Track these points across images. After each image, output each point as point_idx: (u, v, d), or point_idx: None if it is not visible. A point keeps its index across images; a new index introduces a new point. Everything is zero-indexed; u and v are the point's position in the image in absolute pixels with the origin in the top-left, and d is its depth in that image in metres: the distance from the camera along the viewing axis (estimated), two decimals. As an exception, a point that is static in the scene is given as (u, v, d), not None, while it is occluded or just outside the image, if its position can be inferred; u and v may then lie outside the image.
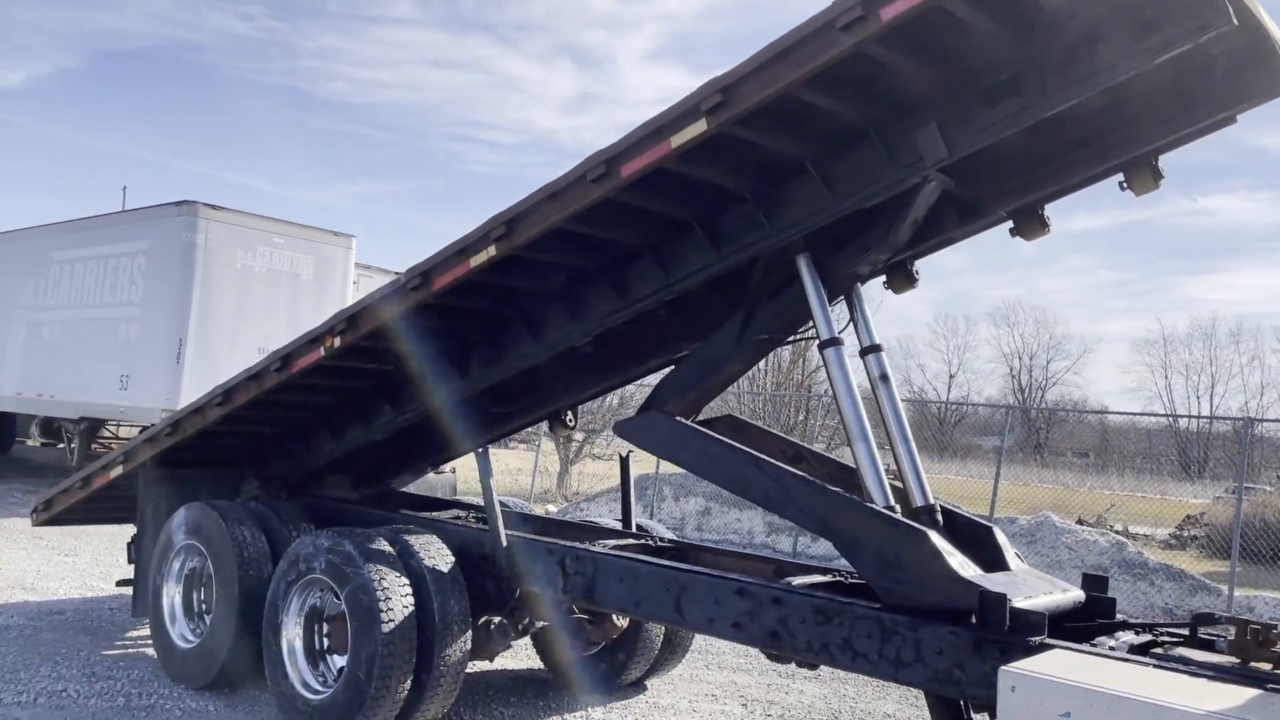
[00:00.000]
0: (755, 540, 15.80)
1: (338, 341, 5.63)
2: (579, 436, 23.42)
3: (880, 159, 4.37)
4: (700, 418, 5.43)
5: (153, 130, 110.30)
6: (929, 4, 3.58)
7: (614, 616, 6.28)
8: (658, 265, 5.13)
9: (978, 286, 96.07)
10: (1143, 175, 4.53)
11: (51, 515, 7.82)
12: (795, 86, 3.94)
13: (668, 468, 16.55)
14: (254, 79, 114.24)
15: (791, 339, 5.48)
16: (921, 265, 5.35)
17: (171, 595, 6.53)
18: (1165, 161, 4.51)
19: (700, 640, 7.85)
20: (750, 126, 4.23)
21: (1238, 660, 3.55)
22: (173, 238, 14.47)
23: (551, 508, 19.45)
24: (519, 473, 22.72)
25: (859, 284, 5.05)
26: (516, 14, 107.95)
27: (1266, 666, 3.51)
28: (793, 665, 7.49)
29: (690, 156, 4.35)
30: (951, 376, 74.41)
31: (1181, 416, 60.51)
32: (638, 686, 6.79)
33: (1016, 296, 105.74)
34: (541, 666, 6.98)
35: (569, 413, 6.97)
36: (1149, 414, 60.38)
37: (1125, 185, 4.55)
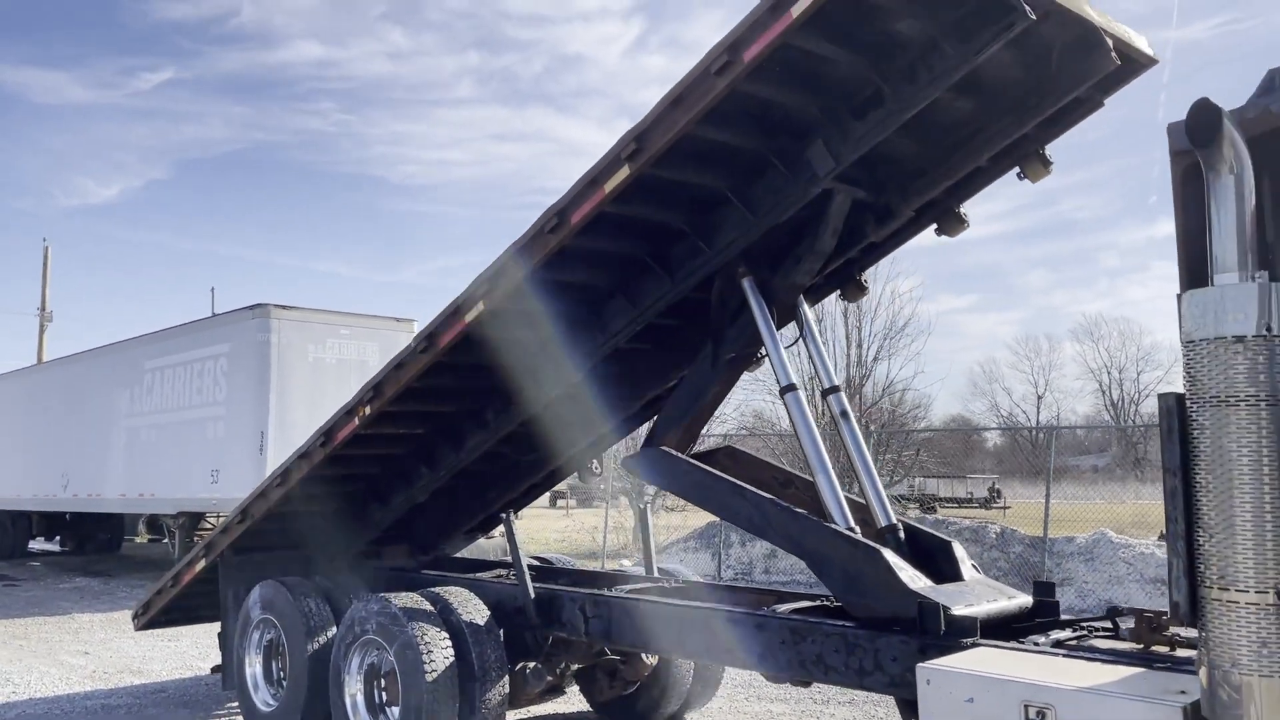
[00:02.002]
0: (821, 578, 16.12)
1: (369, 410, 6.41)
2: (650, 490, 24.04)
3: (784, 178, 5.13)
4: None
5: (238, 229, 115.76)
6: (779, 42, 4.31)
7: (643, 655, 6.86)
8: (627, 301, 5.91)
9: (1063, 303, 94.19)
10: (1033, 164, 5.34)
11: (150, 617, 8.57)
12: (692, 126, 4.69)
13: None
14: (330, 170, 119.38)
15: (761, 355, 6.07)
16: (1003, 286, 6.20)
17: (253, 666, 7.32)
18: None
19: (745, 674, 8.36)
20: (668, 166, 5.00)
21: (1139, 645, 4.02)
22: (249, 339, 15.66)
23: (626, 561, 20.03)
24: (595, 530, 23.40)
25: (803, 296, 5.77)
26: (573, 83, 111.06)
27: (1166, 649, 3.98)
28: (830, 693, 8.01)
29: (625, 199, 5.11)
30: (1040, 398, 72.98)
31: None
32: (676, 720, 7.33)
33: (1099, 310, 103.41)
34: (588, 708, 7.57)
35: (595, 460, 7.70)
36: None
37: (1022, 175, 5.32)
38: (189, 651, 10.63)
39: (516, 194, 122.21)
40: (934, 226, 5.82)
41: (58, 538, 23.29)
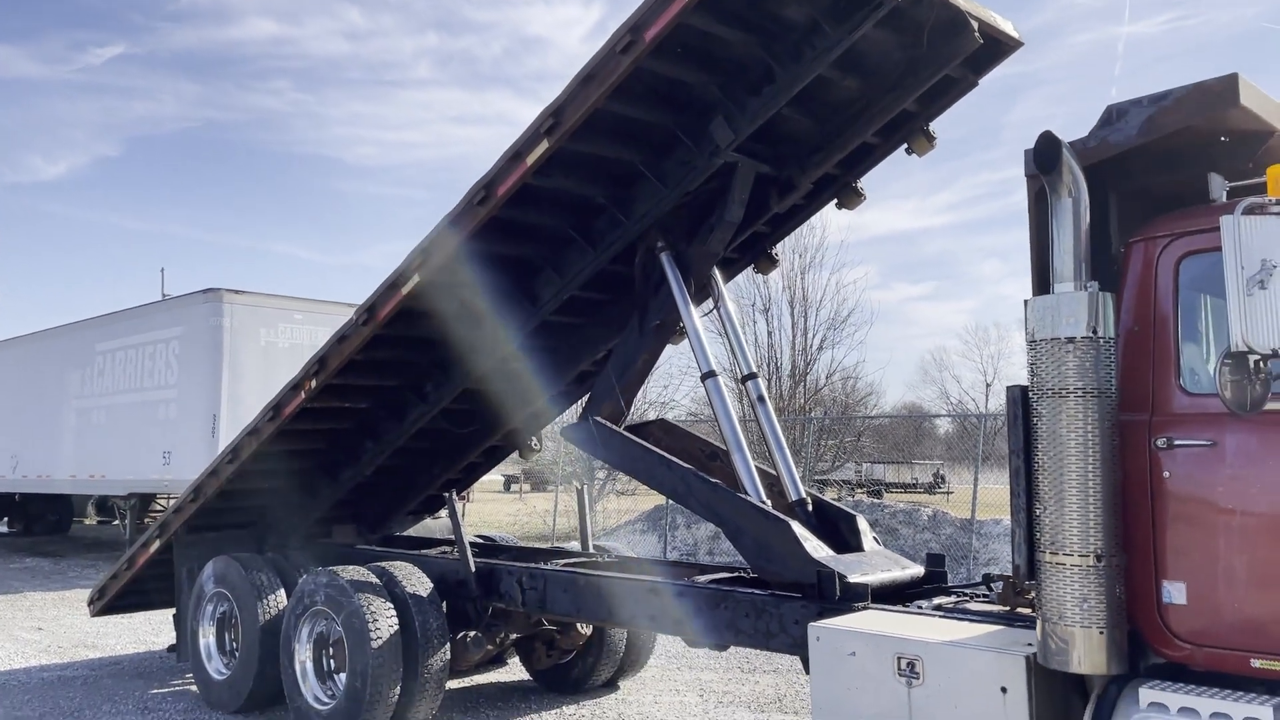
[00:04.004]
0: (762, 559, 16.66)
1: (314, 383, 6.79)
2: (601, 474, 24.55)
3: (691, 151, 5.68)
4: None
5: (190, 209, 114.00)
6: (676, 22, 4.83)
7: (578, 625, 7.32)
8: (554, 272, 6.41)
9: (1014, 293, 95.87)
10: (918, 139, 5.97)
11: (107, 602, 8.81)
12: (604, 102, 5.20)
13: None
14: (286, 150, 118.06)
15: (681, 326, 6.49)
16: (956, 276, 6.82)
17: (207, 637, 7.67)
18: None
19: (676, 646, 8.87)
20: (584, 140, 5.49)
21: (1006, 607, 4.54)
22: (201, 323, 15.83)
23: (575, 544, 20.47)
24: (546, 514, 23.83)
25: (718, 270, 6.30)
26: (534, 66, 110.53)
27: (1028, 610, 4.49)
28: (756, 662, 8.53)
29: (547, 172, 5.61)
30: (988, 386, 74.53)
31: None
32: (610, 686, 7.81)
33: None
34: (528, 677, 8.02)
35: (535, 438, 8.15)
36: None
37: (910, 150, 5.95)
38: (143, 627, 10.91)
39: (475, 177, 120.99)
40: (834, 201, 6.44)
41: (5, 519, 23.24)
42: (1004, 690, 3.74)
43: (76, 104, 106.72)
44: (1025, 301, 3.75)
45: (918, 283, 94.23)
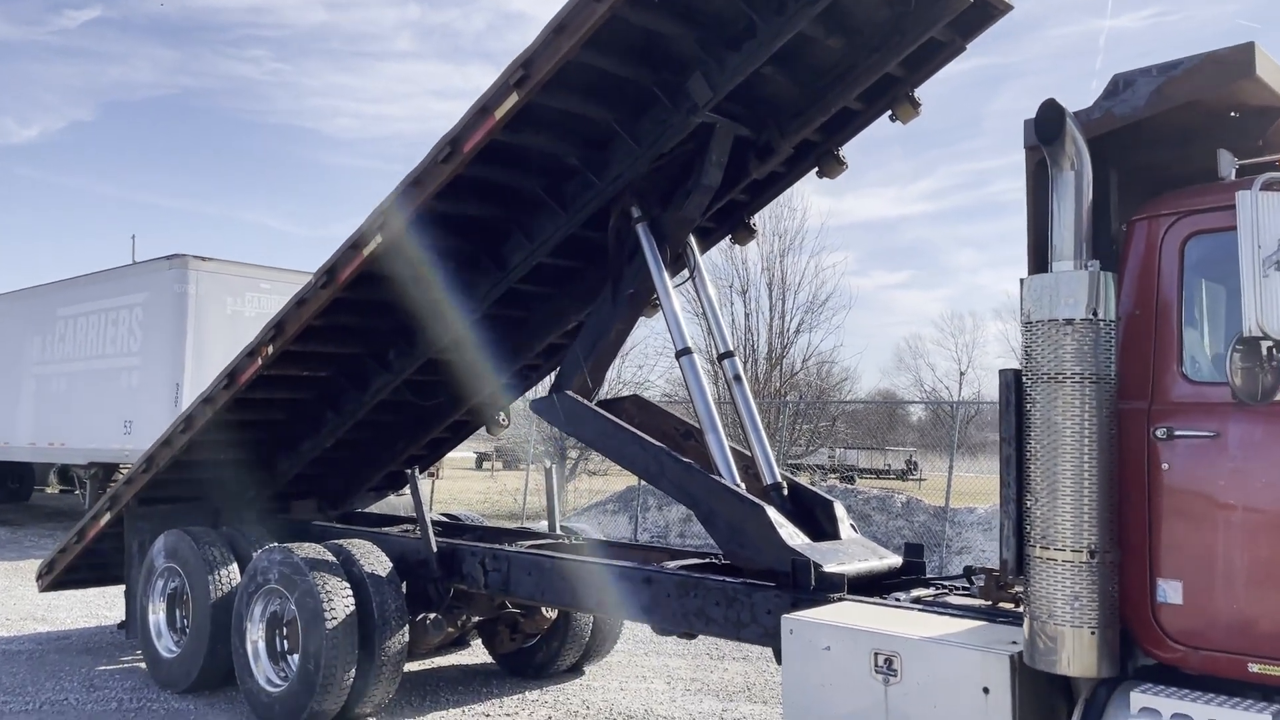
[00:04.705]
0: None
1: (271, 349, 6.49)
2: (573, 454, 24.32)
3: (667, 110, 5.43)
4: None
5: (164, 176, 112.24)
6: None
7: (543, 609, 7.09)
8: (524, 236, 6.14)
9: (990, 282, 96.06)
10: (903, 106, 5.75)
11: (55, 577, 8.46)
12: (576, 53, 4.91)
13: (650, 478, 17.36)
14: (262, 120, 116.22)
15: (656, 299, 6.24)
16: (933, 264, 6.58)
17: (156, 614, 7.38)
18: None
19: (643, 630, 8.65)
20: (555, 95, 5.21)
21: (988, 602, 4.34)
22: (166, 289, 15.42)
23: (545, 523, 20.22)
24: (516, 492, 23.58)
25: (694, 239, 6.06)
26: (515, 41, 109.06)
27: (1012, 605, 4.30)
28: (725, 649, 8.34)
29: (516, 128, 5.31)
30: (962, 374, 74.81)
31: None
32: (575, 672, 7.59)
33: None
34: (490, 660, 7.79)
35: (502, 413, 7.89)
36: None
37: (894, 117, 5.74)
38: (95, 601, 10.58)
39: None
40: (815, 169, 6.21)
41: (-37, 486, 22.71)
42: (986, 691, 3.54)
43: (51, 67, 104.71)
44: (1021, 280, 3.52)
45: (895, 270, 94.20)
